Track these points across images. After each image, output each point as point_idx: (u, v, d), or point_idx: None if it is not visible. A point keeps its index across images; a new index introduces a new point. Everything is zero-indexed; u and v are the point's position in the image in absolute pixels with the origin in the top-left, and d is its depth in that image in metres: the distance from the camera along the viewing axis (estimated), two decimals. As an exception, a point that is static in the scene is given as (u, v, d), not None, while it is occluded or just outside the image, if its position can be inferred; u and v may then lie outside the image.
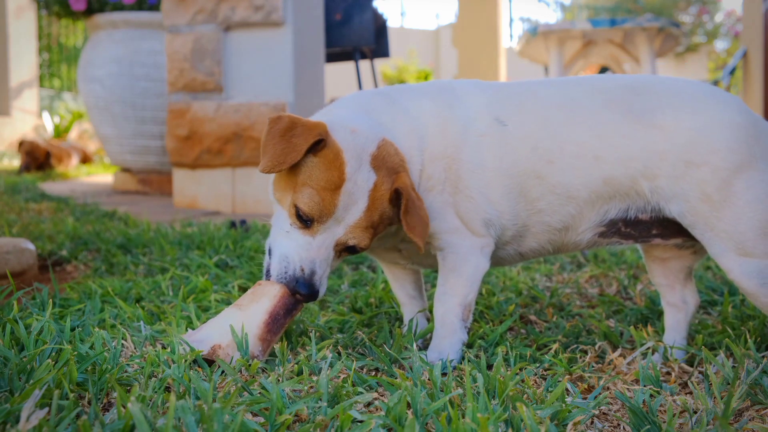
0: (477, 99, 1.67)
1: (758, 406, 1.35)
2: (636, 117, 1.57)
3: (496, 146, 1.62)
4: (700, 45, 16.26)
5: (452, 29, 13.78)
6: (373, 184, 1.51)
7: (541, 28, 7.41)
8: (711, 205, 1.50)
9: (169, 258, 2.69)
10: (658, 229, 1.63)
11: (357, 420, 1.19)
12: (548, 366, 1.58)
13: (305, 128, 1.49)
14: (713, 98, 1.56)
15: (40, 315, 1.76)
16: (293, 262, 1.51)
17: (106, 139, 6.09)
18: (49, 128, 11.96)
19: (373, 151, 1.52)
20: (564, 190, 1.61)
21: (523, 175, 1.62)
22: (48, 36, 14.12)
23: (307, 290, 1.50)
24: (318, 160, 1.49)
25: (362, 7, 6.01)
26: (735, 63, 8.82)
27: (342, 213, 1.50)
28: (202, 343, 1.49)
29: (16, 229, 3.37)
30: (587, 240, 1.68)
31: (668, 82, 1.63)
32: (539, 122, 1.62)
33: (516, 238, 1.69)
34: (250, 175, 4.80)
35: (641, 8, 14.82)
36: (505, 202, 1.63)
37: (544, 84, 1.71)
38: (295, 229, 1.52)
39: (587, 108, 1.61)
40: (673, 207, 1.55)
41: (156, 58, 5.72)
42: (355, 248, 1.55)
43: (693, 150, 1.51)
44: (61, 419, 1.11)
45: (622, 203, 1.60)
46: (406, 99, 1.68)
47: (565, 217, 1.64)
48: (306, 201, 1.48)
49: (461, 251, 1.65)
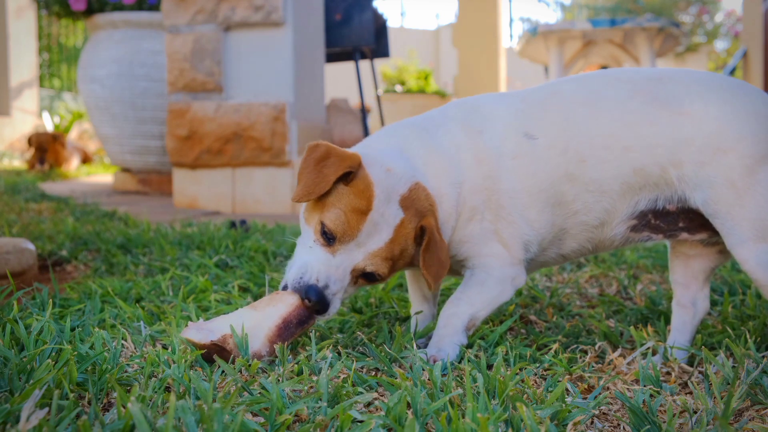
0: (503, 114, 1.69)
1: (758, 406, 1.35)
2: (662, 104, 1.59)
3: (530, 164, 1.65)
4: (700, 45, 16.25)
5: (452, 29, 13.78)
6: (399, 220, 1.56)
7: (541, 28, 7.41)
8: (735, 192, 1.52)
9: (169, 258, 2.69)
10: (684, 222, 1.65)
11: (357, 420, 1.19)
12: (548, 366, 1.58)
13: (337, 159, 1.54)
14: (739, 89, 1.59)
15: (40, 315, 1.76)
16: (310, 271, 1.55)
17: (106, 139, 6.09)
18: (49, 128, 11.96)
19: (404, 193, 1.57)
20: (597, 186, 1.63)
21: (558, 183, 1.65)
22: (48, 36, 14.13)
23: (316, 297, 1.52)
24: (348, 189, 1.55)
25: (362, 7, 6.01)
26: (735, 63, 8.82)
27: (364, 238, 1.54)
28: (213, 333, 1.50)
29: (16, 229, 3.37)
30: (621, 235, 1.70)
31: (693, 73, 1.65)
32: (566, 122, 1.64)
33: (555, 241, 1.72)
34: (250, 175, 4.80)
35: (641, 8, 14.82)
36: (543, 217, 1.67)
37: (566, 81, 1.73)
38: (317, 246, 1.57)
39: (612, 99, 1.63)
40: (698, 195, 1.57)
41: (156, 58, 5.72)
42: (372, 276, 1.59)
43: (720, 137, 1.54)
44: (61, 419, 1.11)
45: (650, 193, 1.63)
46: (439, 132, 1.70)
47: (600, 213, 1.66)
48: (332, 218, 1.53)
49: (494, 273, 1.69)
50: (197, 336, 1.51)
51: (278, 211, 4.74)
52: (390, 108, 10.18)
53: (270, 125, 4.67)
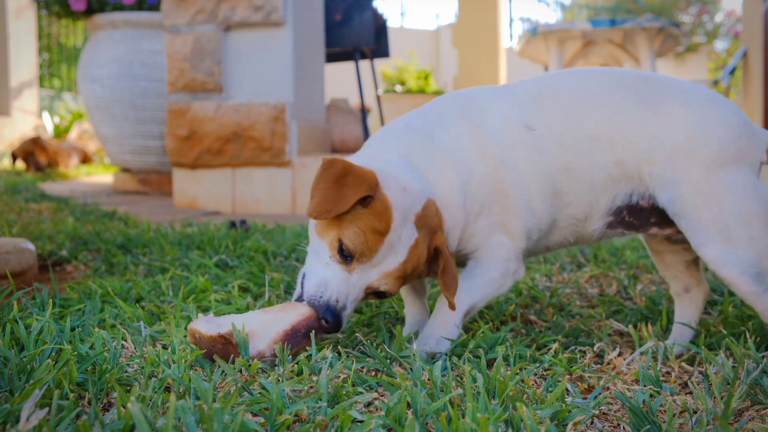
0: (501, 107, 1.73)
1: (758, 406, 1.35)
2: (645, 103, 1.66)
3: (531, 154, 1.69)
4: (700, 45, 16.26)
5: (452, 29, 13.78)
6: (414, 241, 1.58)
7: (541, 28, 7.41)
8: (699, 194, 1.60)
9: (169, 258, 2.69)
10: (655, 217, 1.72)
11: (357, 420, 1.18)
12: (548, 366, 1.58)
13: (357, 179, 1.53)
14: (714, 100, 1.68)
15: (40, 315, 1.76)
16: (331, 290, 1.56)
17: (106, 139, 6.09)
18: (49, 128, 11.97)
19: (419, 212, 1.59)
20: (587, 177, 1.69)
21: (556, 173, 1.69)
22: (48, 36, 14.13)
23: (333, 319, 1.54)
24: (367, 210, 1.55)
25: (362, 7, 6.01)
26: (735, 63, 8.82)
27: (380, 259, 1.56)
28: (222, 327, 1.50)
29: (16, 229, 3.37)
30: (599, 231, 1.76)
31: (676, 80, 1.74)
32: (562, 115, 1.70)
33: (545, 233, 1.77)
34: (250, 175, 4.80)
35: (641, 8, 14.82)
36: (543, 206, 1.71)
37: (559, 75, 1.78)
38: (334, 263, 1.57)
39: (602, 92, 1.70)
40: (664, 195, 1.64)
41: (156, 58, 5.72)
42: (384, 294, 1.61)
43: (690, 141, 1.62)
44: (61, 419, 1.11)
45: (627, 187, 1.69)
46: (440, 132, 1.71)
47: (586, 207, 1.72)
48: (351, 237, 1.53)
49: (498, 266, 1.73)
50: (205, 327, 1.51)
51: (278, 211, 4.74)
52: (390, 108, 10.17)
53: (270, 125, 4.68)
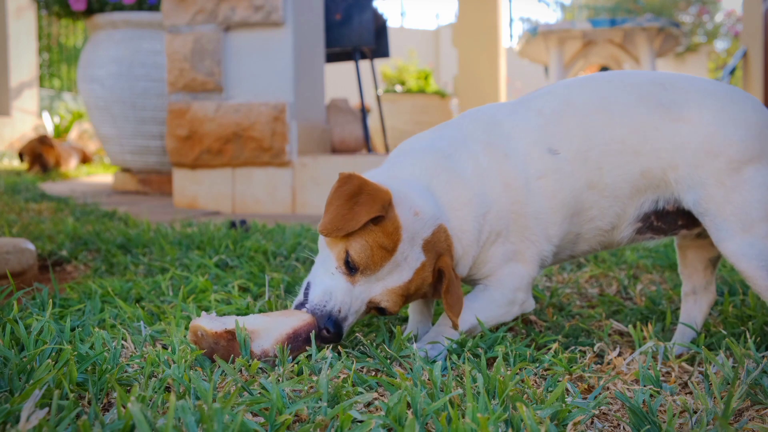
0: (524, 131, 1.73)
1: (758, 406, 1.35)
2: (665, 110, 1.68)
3: (555, 182, 1.70)
4: (700, 45, 16.25)
5: (452, 29, 13.78)
6: (420, 264, 1.60)
7: (541, 28, 7.41)
8: (724, 191, 1.63)
9: (169, 258, 2.69)
10: (683, 220, 1.74)
11: (357, 420, 1.18)
12: (548, 366, 1.58)
13: (370, 197, 1.55)
14: (733, 97, 1.69)
15: (40, 315, 1.76)
16: (335, 299, 1.57)
17: (106, 139, 6.09)
18: (49, 128, 11.96)
19: (427, 237, 1.61)
20: (611, 191, 1.71)
21: (579, 192, 1.71)
22: (48, 36, 14.12)
23: (334, 329, 1.55)
24: (377, 228, 1.56)
25: (362, 7, 6.01)
26: (735, 63, 8.82)
27: (384, 274, 1.58)
28: (226, 324, 1.50)
29: (16, 229, 3.37)
30: (628, 237, 1.78)
31: (692, 80, 1.74)
32: (584, 133, 1.70)
33: (568, 245, 1.79)
34: (250, 175, 4.80)
35: (641, 8, 14.82)
36: (561, 229, 1.73)
37: (579, 87, 1.77)
38: (340, 274, 1.59)
39: (623, 104, 1.70)
40: (690, 196, 1.66)
41: (156, 58, 5.72)
42: (384, 311, 1.62)
43: (712, 142, 1.64)
44: (61, 419, 1.11)
45: (653, 195, 1.71)
46: (462, 157, 1.71)
47: (612, 218, 1.74)
48: (358, 250, 1.55)
49: (506, 294, 1.75)
50: (209, 325, 1.50)
51: (278, 211, 4.74)
52: (390, 108, 10.16)
53: (270, 125, 4.68)
